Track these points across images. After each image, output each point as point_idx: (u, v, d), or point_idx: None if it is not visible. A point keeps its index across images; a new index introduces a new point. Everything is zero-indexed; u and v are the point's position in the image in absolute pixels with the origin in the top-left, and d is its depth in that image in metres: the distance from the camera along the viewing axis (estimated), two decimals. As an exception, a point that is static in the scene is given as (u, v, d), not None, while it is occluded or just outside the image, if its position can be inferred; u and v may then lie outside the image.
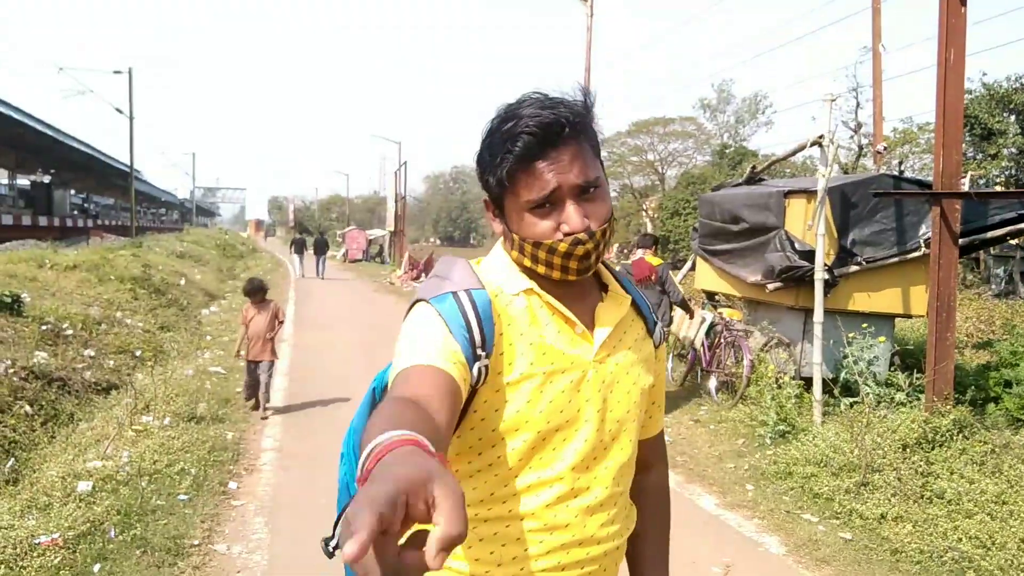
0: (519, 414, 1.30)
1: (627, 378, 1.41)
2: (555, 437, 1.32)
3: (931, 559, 4.34)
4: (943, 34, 5.92)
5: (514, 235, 1.35)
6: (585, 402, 1.34)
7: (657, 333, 1.52)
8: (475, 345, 1.26)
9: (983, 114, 19.73)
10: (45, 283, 10.76)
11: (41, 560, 3.78)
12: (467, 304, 1.28)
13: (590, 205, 1.31)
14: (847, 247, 7.36)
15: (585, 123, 1.33)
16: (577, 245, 1.29)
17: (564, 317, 1.35)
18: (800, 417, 6.78)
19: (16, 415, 5.99)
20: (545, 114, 1.27)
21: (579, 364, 1.34)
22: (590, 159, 1.32)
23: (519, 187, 1.29)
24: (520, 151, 1.27)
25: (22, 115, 31.85)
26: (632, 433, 1.42)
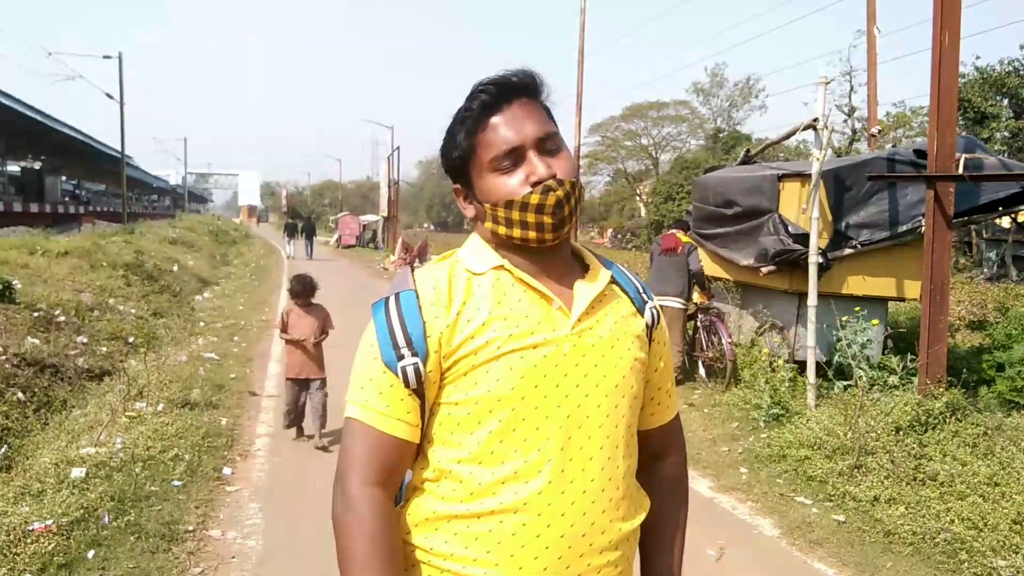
0: (490, 394, 1.26)
1: (613, 351, 1.35)
2: (534, 415, 1.27)
3: (924, 541, 4.36)
4: (938, 17, 5.90)
5: (486, 206, 1.34)
6: (563, 376, 1.29)
7: (648, 312, 1.45)
8: (398, 347, 1.27)
9: (976, 98, 19.74)
10: (37, 270, 10.69)
11: (35, 547, 3.77)
12: (392, 308, 1.31)
13: (553, 159, 1.32)
14: (841, 230, 7.36)
15: (537, 88, 1.37)
16: (548, 192, 1.27)
17: (538, 292, 1.32)
18: (794, 400, 6.81)
19: (9, 402, 5.96)
20: (499, 78, 1.34)
21: (554, 338, 1.29)
22: (545, 117, 1.35)
23: (480, 149, 1.32)
24: (477, 110, 1.32)
25: (11, 100, 31.54)
26: (627, 408, 1.36)
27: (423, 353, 1.27)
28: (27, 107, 33.24)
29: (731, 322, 8.89)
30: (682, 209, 28.04)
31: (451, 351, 1.28)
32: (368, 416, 1.29)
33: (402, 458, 1.31)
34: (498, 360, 1.26)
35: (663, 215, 33.92)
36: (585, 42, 14.28)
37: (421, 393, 1.29)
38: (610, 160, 48.13)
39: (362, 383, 1.31)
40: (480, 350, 1.27)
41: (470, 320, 1.28)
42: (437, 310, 1.29)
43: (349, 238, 39.61)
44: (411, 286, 1.33)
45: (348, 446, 1.30)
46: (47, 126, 36.61)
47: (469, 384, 1.27)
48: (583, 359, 1.31)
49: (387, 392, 1.28)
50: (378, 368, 1.29)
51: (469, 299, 1.31)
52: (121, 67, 31.83)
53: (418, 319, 1.28)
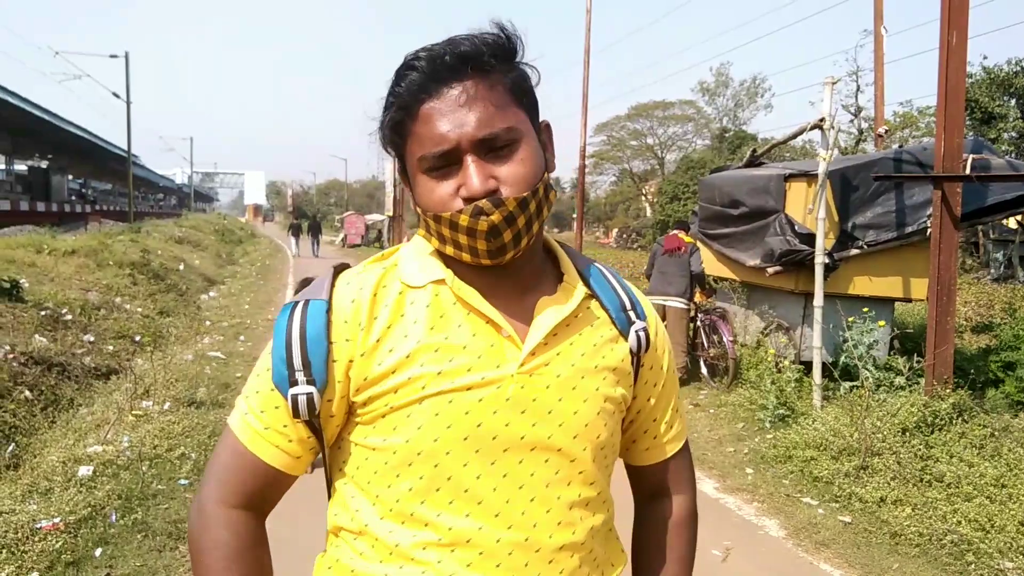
0: (409, 444, 1.03)
1: (574, 394, 1.09)
2: (463, 474, 1.03)
3: (930, 542, 4.35)
4: (945, 16, 5.87)
5: (418, 209, 1.08)
6: (504, 427, 1.04)
7: (633, 337, 1.18)
8: (292, 369, 1.04)
9: (983, 98, 19.66)
10: (44, 268, 10.73)
11: (43, 545, 3.78)
12: (296, 319, 1.06)
13: (500, 165, 1.01)
14: (848, 231, 7.34)
15: (496, 57, 1.03)
16: (479, 216, 0.99)
17: (484, 317, 1.06)
18: (800, 401, 6.80)
19: (16, 400, 5.99)
20: (437, 47, 1.01)
21: (495, 377, 1.04)
22: (501, 104, 1.02)
23: (411, 143, 1.04)
24: (404, 91, 1.01)
25: (18, 99, 31.68)
26: (588, 463, 1.10)
27: (322, 381, 1.04)
28: (34, 106, 33.38)
29: (737, 322, 8.88)
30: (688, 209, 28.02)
31: (364, 385, 1.05)
32: (243, 431, 1.09)
33: (271, 488, 1.11)
34: (421, 403, 1.03)
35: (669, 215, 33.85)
36: (591, 42, 14.27)
37: (313, 426, 1.07)
38: (616, 160, 48.09)
39: (248, 392, 1.11)
40: (401, 388, 1.03)
41: (392, 350, 1.04)
42: (350, 331, 1.05)
43: (355, 237, 39.67)
44: (325, 295, 1.08)
45: (216, 453, 1.13)
46: (54, 125, 36.77)
47: (387, 429, 1.04)
48: (532, 405, 1.06)
49: (270, 412, 1.07)
50: (267, 384, 1.07)
51: (396, 321, 1.06)
52: (128, 66, 31.92)
53: (323, 339, 1.04)
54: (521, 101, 1.06)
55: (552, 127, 1.17)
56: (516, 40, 1.06)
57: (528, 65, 1.09)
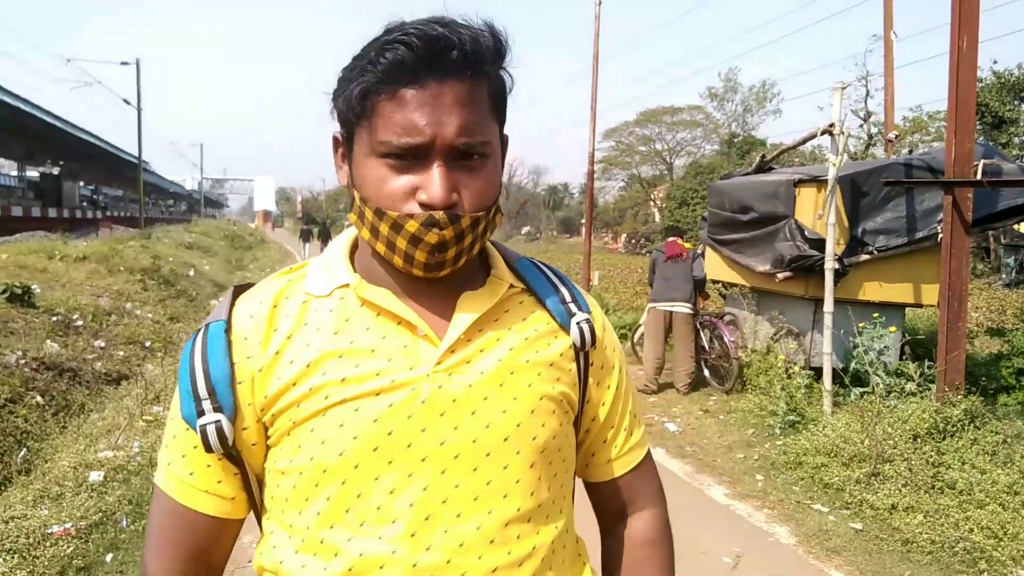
0: (314, 462, 0.93)
1: (502, 391, 0.98)
2: (374, 489, 0.92)
3: (943, 549, 4.32)
4: (956, 20, 5.85)
5: (355, 191, 0.98)
6: (420, 432, 0.93)
7: (575, 329, 1.06)
8: (198, 399, 0.95)
9: (994, 102, 19.58)
10: (55, 274, 10.80)
11: (54, 550, 3.80)
12: (198, 345, 0.98)
13: (467, 177, 0.94)
14: (858, 236, 7.31)
15: (490, 62, 0.95)
16: (431, 227, 0.91)
17: (395, 317, 0.98)
18: (810, 407, 6.77)
19: (28, 406, 6.02)
20: (438, 30, 0.91)
21: (407, 380, 0.94)
22: (484, 114, 0.95)
23: (376, 119, 0.92)
24: (388, 64, 0.90)
25: (31, 106, 31.92)
26: (525, 469, 0.98)
27: (229, 407, 0.95)
28: (46, 113, 33.63)
29: (747, 328, 8.86)
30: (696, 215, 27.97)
31: (267, 403, 0.96)
32: (169, 484, 1.00)
33: (217, 539, 1.02)
34: (325, 415, 0.93)
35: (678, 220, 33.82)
36: (600, 48, 14.27)
37: (236, 458, 0.98)
38: (624, 165, 48.10)
39: (167, 440, 1.02)
40: (303, 401, 0.94)
41: (293, 361, 0.96)
42: (250, 348, 0.97)
43: (364, 243, 39.85)
44: (224, 314, 1.00)
45: (150, 516, 1.04)
46: (66, 132, 37.03)
47: (293, 447, 0.95)
48: (452, 406, 0.95)
49: (191, 456, 0.99)
50: (180, 424, 0.98)
51: (297, 331, 0.98)
52: (139, 73, 32.13)
53: (224, 361, 0.96)
54: (497, 112, 0.99)
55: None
56: (507, 43, 0.97)
57: (507, 71, 1.00)
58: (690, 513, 4.85)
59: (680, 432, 6.89)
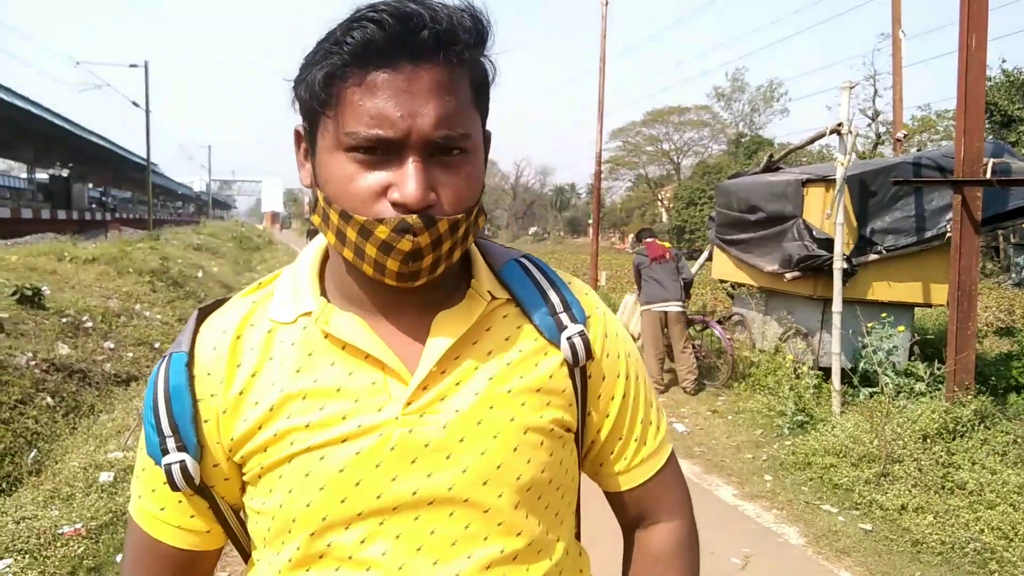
0: (284, 510, 0.88)
1: (480, 429, 0.89)
2: (345, 539, 0.87)
3: (953, 550, 4.31)
4: (965, 19, 5.83)
5: (319, 192, 0.87)
6: (389, 482, 0.86)
7: (566, 345, 0.96)
8: (162, 435, 0.90)
9: (1003, 101, 19.51)
10: (65, 276, 10.84)
11: (65, 550, 3.82)
12: (161, 378, 0.92)
13: (446, 174, 0.84)
14: (866, 236, 7.29)
15: (468, 44, 0.84)
16: (404, 233, 0.81)
17: (362, 351, 0.89)
18: (819, 407, 6.75)
19: (38, 407, 6.04)
20: (411, 7, 0.80)
21: (376, 424, 0.87)
22: (465, 104, 0.85)
23: (342, 107, 0.82)
24: (355, 44, 0.80)
25: (40, 109, 32.09)
26: (508, 511, 0.90)
27: (193, 446, 0.89)
28: (55, 115, 33.81)
29: (755, 328, 8.86)
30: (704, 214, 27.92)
31: (235, 445, 0.90)
32: (141, 516, 0.96)
33: (193, 569, 0.98)
34: (291, 462, 0.87)
35: (685, 220, 33.80)
36: (606, 48, 14.27)
37: (205, 492, 0.93)
38: (631, 165, 48.11)
39: (137, 471, 0.97)
40: (270, 446, 0.88)
41: (258, 402, 0.89)
42: (213, 385, 0.90)
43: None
44: (185, 346, 0.93)
45: (126, 544, 1.00)
46: (75, 134, 37.23)
47: (264, 490, 0.90)
48: (424, 451, 0.87)
49: (160, 491, 0.93)
50: (145, 459, 0.94)
51: (263, 367, 0.90)
52: (147, 76, 32.25)
53: (187, 397, 0.90)
54: (479, 103, 0.89)
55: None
56: (489, 26, 0.87)
57: (489, 60, 0.90)
58: (698, 514, 4.81)
59: (688, 432, 6.88)
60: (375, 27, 0.79)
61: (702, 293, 15.65)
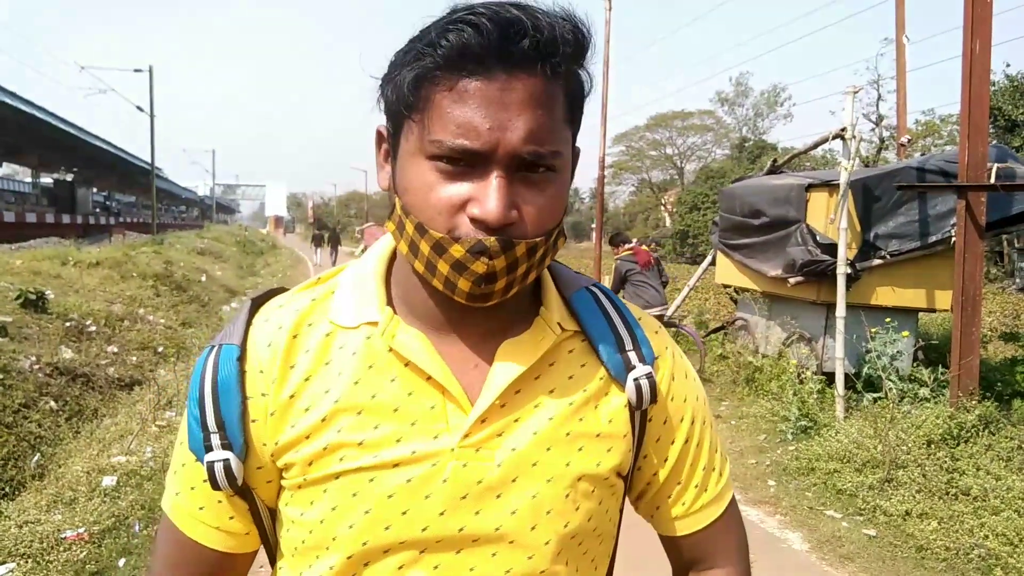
0: (324, 526, 0.84)
1: (534, 472, 0.86)
2: (382, 562, 0.84)
3: (957, 556, 4.29)
4: (969, 24, 5.83)
5: (396, 198, 0.84)
6: (437, 516, 0.83)
7: (632, 385, 0.92)
8: (206, 430, 0.86)
9: (1007, 105, 19.48)
10: (69, 280, 10.86)
11: (67, 554, 3.82)
12: (209, 369, 0.88)
13: (530, 193, 0.79)
14: (870, 241, 7.28)
15: (567, 56, 0.78)
16: (479, 255, 0.77)
17: (423, 373, 0.85)
18: (822, 413, 6.73)
19: (42, 411, 6.05)
20: (513, 12, 0.75)
21: (431, 452, 0.84)
22: (557, 120, 0.80)
23: (430, 112, 0.77)
24: (450, 47, 0.75)
25: (45, 114, 32.20)
26: (550, 558, 0.87)
27: (239, 445, 0.86)
28: (60, 120, 33.93)
29: (758, 333, 8.84)
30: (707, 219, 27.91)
31: (279, 450, 0.86)
32: (176, 514, 0.92)
33: (228, 572, 0.95)
34: (337, 479, 0.83)
35: (688, 225, 33.78)
36: (610, 53, 14.27)
37: (248, 493, 0.89)
38: (635, 170, 48.13)
39: (175, 466, 0.93)
40: (316, 460, 0.84)
41: (308, 408, 0.85)
42: (265, 384, 0.87)
43: (375, 248, 40.03)
44: (237, 338, 0.89)
45: (156, 542, 0.96)
46: (79, 139, 37.36)
47: (304, 501, 0.86)
48: (476, 488, 0.84)
49: (201, 489, 0.89)
50: (188, 454, 0.89)
51: (317, 372, 0.87)
52: (152, 80, 32.33)
53: (236, 394, 0.86)
54: (573, 118, 0.84)
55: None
56: (591, 39, 0.81)
57: (586, 71, 0.84)
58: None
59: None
60: (472, 31, 0.74)
61: (705, 298, 15.64)
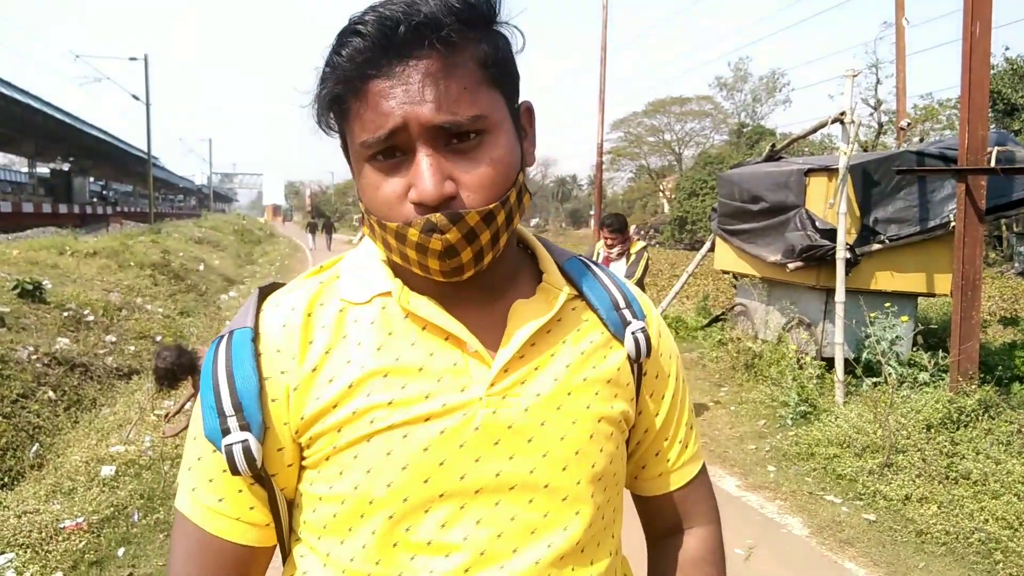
0: (359, 492, 0.85)
1: (559, 414, 0.90)
2: (423, 521, 0.85)
3: (957, 540, 4.29)
4: (969, 7, 5.79)
5: (361, 204, 0.89)
6: (473, 463, 0.86)
7: (630, 339, 0.98)
8: (223, 414, 0.85)
9: (1006, 89, 19.41)
10: (66, 270, 10.83)
11: (66, 544, 3.82)
12: (222, 356, 0.88)
13: (461, 163, 0.82)
14: (869, 225, 7.26)
15: (467, 24, 0.81)
16: (431, 234, 0.80)
17: (442, 331, 0.89)
18: (822, 398, 6.73)
19: (40, 401, 6.04)
20: (391, 8, 0.79)
21: (460, 403, 0.86)
22: (470, 85, 0.81)
23: (352, 123, 0.83)
24: (345, 60, 0.81)
25: (40, 103, 32.08)
26: (586, 500, 0.91)
27: (258, 425, 0.85)
28: (56, 109, 33.80)
29: (757, 318, 8.83)
30: (706, 205, 27.89)
31: (303, 425, 0.87)
32: (195, 511, 0.90)
33: (249, 569, 0.93)
34: (369, 441, 0.85)
35: (687, 211, 33.74)
36: (608, 38, 14.20)
37: (265, 480, 0.89)
38: (633, 156, 48.00)
39: (189, 462, 0.92)
40: (344, 425, 0.85)
41: (332, 379, 0.87)
42: (284, 361, 0.88)
43: (373, 236, 40.13)
44: (250, 321, 0.91)
45: (172, 546, 0.93)
46: (76, 128, 37.22)
47: (333, 473, 0.86)
48: (507, 433, 0.87)
49: (219, 480, 0.89)
50: (204, 445, 0.89)
51: (336, 345, 0.89)
52: (147, 69, 32.18)
53: (252, 374, 0.86)
54: (497, 78, 0.84)
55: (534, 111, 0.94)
56: (484, 1, 0.83)
57: (510, 26, 0.86)
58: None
59: (691, 423, 6.87)
60: (359, 39, 0.80)
61: (704, 284, 15.63)
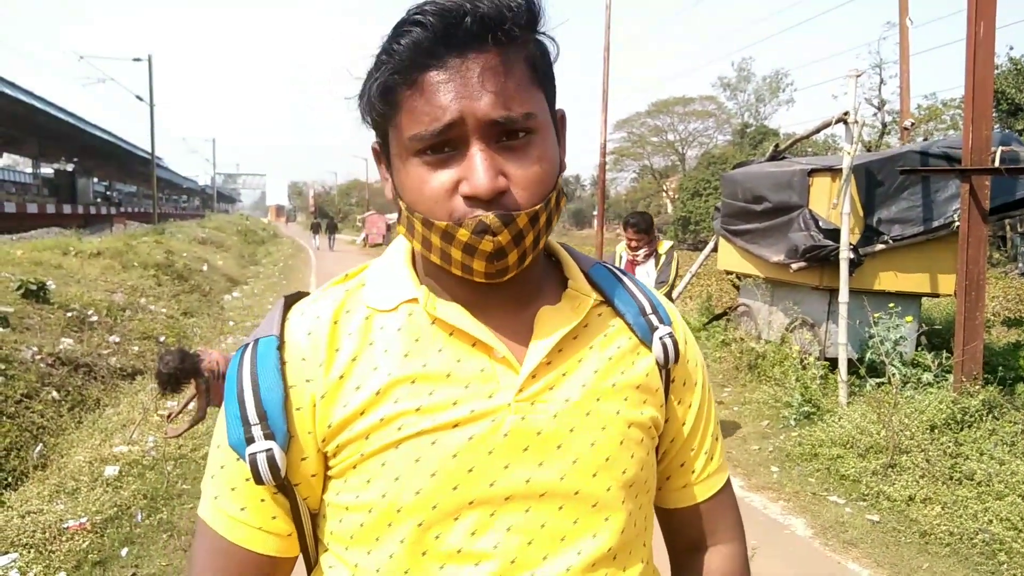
0: (387, 500, 0.84)
1: (589, 420, 0.89)
2: (453, 529, 0.84)
3: (961, 541, 4.28)
4: (973, 7, 5.77)
5: (400, 203, 0.88)
6: (503, 469, 0.85)
7: (658, 345, 0.97)
8: (247, 423, 0.85)
9: (1010, 89, 19.35)
10: (70, 270, 10.85)
11: (70, 544, 3.82)
12: (247, 364, 0.88)
13: (515, 159, 0.83)
14: (873, 225, 7.25)
15: (520, 25, 0.82)
16: (483, 234, 0.81)
17: (469, 337, 0.88)
18: (825, 398, 6.72)
19: (44, 401, 6.05)
20: (454, 2, 0.80)
21: (489, 409, 0.86)
22: (522, 83, 0.83)
23: (402, 115, 0.83)
24: (403, 50, 0.81)
25: (45, 104, 32.13)
26: (617, 506, 0.90)
27: (283, 434, 0.85)
28: (60, 110, 33.87)
29: (761, 319, 8.82)
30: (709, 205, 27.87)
31: (330, 433, 0.86)
32: (218, 520, 0.90)
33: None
34: (398, 448, 0.84)
35: (690, 211, 33.72)
36: (610, 38, 14.20)
37: (288, 490, 0.88)
38: (636, 156, 47.96)
39: (212, 470, 0.91)
40: (372, 432, 0.85)
41: (360, 387, 0.86)
42: (309, 370, 0.88)
43: (376, 237, 39.87)
44: (275, 329, 0.90)
45: (194, 555, 0.92)
46: (79, 129, 37.29)
47: (360, 482, 0.86)
48: (536, 439, 0.87)
49: (242, 489, 0.88)
50: (227, 454, 0.88)
51: (363, 352, 0.88)
52: (151, 70, 32.22)
53: (277, 383, 0.86)
54: (541, 82, 0.86)
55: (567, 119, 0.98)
56: (540, 6, 0.85)
57: (548, 36, 0.88)
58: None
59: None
60: (419, 29, 0.80)
61: (707, 284, 15.61)
